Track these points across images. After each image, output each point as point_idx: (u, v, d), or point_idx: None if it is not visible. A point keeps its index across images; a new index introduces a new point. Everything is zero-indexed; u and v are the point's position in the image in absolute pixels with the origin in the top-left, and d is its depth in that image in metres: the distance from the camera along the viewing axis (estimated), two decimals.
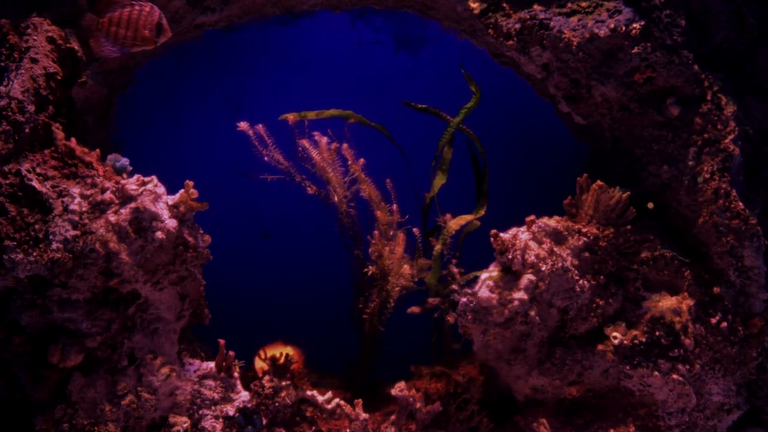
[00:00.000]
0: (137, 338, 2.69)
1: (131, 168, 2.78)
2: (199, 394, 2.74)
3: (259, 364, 3.01)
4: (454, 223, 3.11)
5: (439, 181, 3.27)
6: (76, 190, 2.61)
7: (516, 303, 2.80)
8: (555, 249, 2.83)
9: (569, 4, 2.90)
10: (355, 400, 2.85)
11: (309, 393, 2.84)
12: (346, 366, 3.43)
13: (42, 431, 2.56)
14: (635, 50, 2.81)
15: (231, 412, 2.74)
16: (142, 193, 2.65)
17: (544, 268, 2.80)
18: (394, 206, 3.13)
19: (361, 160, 3.12)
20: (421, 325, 3.38)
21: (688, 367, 2.81)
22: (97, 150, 2.76)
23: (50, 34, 2.73)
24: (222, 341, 2.76)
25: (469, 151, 3.40)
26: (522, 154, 4.34)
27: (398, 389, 2.85)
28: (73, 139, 2.70)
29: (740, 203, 2.82)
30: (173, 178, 2.77)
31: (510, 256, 2.85)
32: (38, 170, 2.60)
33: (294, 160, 3.12)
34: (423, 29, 4.68)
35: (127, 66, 3.24)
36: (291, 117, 3.09)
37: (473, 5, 3.02)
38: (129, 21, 2.54)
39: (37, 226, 2.54)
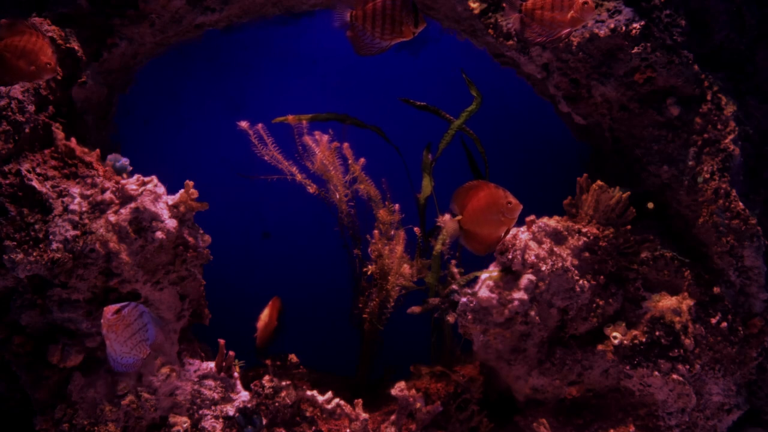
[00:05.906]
0: None
1: (131, 168, 2.78)
2: (199, 394, 2.74)
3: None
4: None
5: (427, 183, 3.27)
6: (76, 190, 2.61)
7: (516, 303, 2.80)
8: (555, 249, 2.83)
9: None
10: (355, 400, 2.85)
11: (309, 393, 2.84)
12: (346, 366, 3.43)
13: (42, 431, 2.57)
14: (635, 50, 2.81)
15: (231, 412, 2.74)
16: (142, 193, 2.65)
17: (544, 268, 2.80)
18: (396, 206, 3.14)
19: (362, 160, 3.12)
20: (421, 325, 3.38)
21: (688, 367, 2.80)
22: (97, 150, 2.76)
23: (50, 34, 2.73)
24: (222, 341, 2.76)
25: (469, 151, 3.40)
26: (522, 154, 4.34)
27: (398, 389, 2.85)
28: (73, 139, 2.70)
29: (740, 203, 2.81)
30: (173, 178, 2.77)
31: (510, 256, 2.85)
32: (38, 170, 2.60)
33: (294, 159, 3.12)
34: (423, 29, 4.67)
35: (127, 66, 3.24)
36: (286, 119, 3.09)
37: (473, 5, 3.02)
38: (384, 14, 2.35)
39: (37, 226, 2.54)
